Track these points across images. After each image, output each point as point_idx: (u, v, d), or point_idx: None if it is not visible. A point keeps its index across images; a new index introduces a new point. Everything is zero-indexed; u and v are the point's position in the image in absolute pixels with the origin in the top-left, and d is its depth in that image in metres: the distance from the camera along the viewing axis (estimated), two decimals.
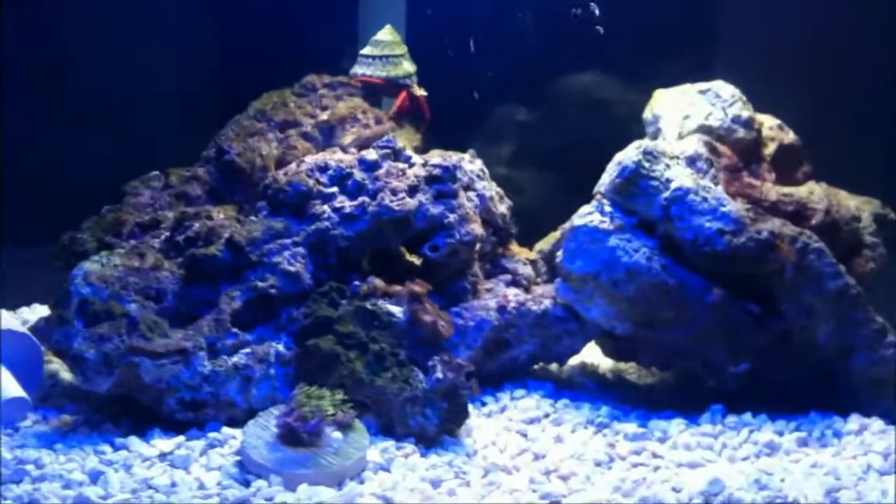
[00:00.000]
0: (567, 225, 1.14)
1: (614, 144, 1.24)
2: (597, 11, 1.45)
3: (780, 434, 1.05)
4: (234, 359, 0.99)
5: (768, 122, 1.23)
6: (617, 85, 1.41)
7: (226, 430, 0.97)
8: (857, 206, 1.21)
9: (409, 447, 0.98)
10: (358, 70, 1.23)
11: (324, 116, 1.17)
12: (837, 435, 1.05)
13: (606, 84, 1.41)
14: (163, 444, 0.96)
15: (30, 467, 0.92)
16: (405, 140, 1.21)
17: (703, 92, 1.21)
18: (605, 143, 1.27)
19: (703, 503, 0.92)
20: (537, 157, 1.43)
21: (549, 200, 1.42)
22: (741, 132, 1.17)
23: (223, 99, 1.41)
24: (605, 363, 1.25)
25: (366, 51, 1.24)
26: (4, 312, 1.13)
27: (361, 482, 0.90)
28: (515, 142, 1.44)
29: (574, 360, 1.24)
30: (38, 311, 1.30)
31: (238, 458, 0.94)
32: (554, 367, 1.21)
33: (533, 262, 1.19)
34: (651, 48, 1.39)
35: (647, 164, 1.10)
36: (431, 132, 1.30)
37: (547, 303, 1.12)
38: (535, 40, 1.42)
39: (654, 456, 1.00)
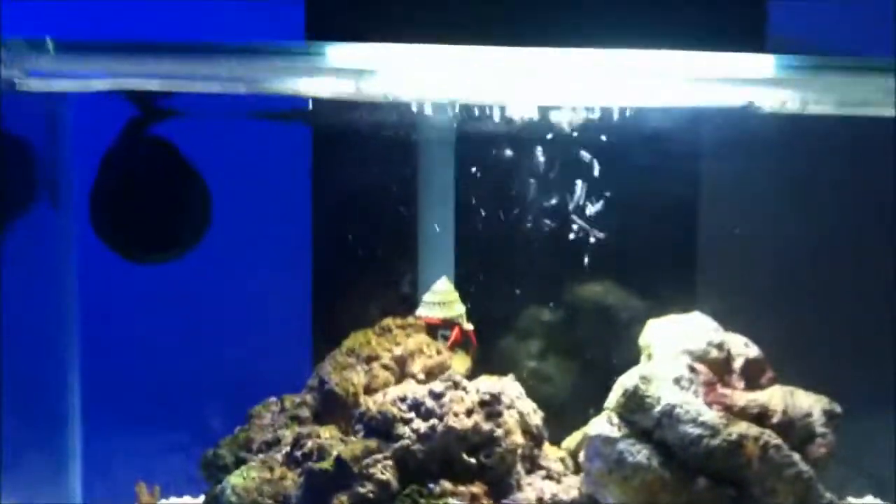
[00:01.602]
0: (588, 430, 1.40)
1: (619, 341, 1.59)
2: (602, 236, 1.79)
3: None
4: None
5: (736, 342, 1.51)
6: (621, 294, 1.70)
7: None
8: (811, 403, 1.47)
9: None
10: (421, 312, 1.55)
11: (398, 351, 1.48)
12: None
13: (612, 293, 1.71)
14: None
15: None
16: (459, 362, 1.51)
17: (684, 322, 1.52)
18: (612, 340, 1.62)
19: None
20: (559, 351, 1.70)
21: (571, 385, 1.68)
22: (714, 353, 1.47)
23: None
24: None
25: (427, 297, 1.56)
26: None
27: None
28: (543, 339, 1.71)
29: None
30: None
31: None
32: None
33: (562, 459, 1.45)
34: (649, 266, 1.68)
35: (643, 387, 1.40)
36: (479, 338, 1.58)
37: (574, 493, 1.41)
38: (556, 260, 1.69)
39: None
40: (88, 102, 1.42)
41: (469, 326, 1.56)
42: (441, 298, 1.56)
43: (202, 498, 1.41)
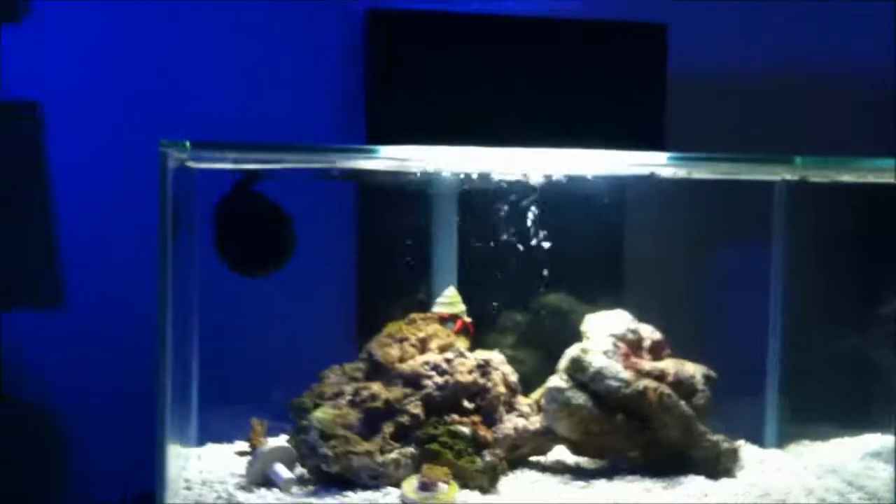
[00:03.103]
0: (546, 385, 1.87)
1: (571, 337, 1.94)
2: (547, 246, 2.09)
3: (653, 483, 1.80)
4: (392, 455, 1.74)
5: (646, 329, 1.95)
6: (572, 301, 2.11)
7: (391, 489, 1.72)
8: (694, 369, 1.91)
9: (475, 494, 1.72)
10: (435, 310, 1.96)
11: (421, 335, 1.90)
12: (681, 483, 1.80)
13: (565, 301, 2.12)
14: (361, 496, 1.70)
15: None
16: (462, 342, 1.92)
17: (611, 315, 1.96)
18: (567, 337, 1.94)
19: None
20: (528, 343, 2.10)
21: (536, 367, 2.00)
22: (630, 335, 1.92)
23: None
24: (568, 457, 1.95)
25: (438, 300, 1.97)
26: (271, 441, 1.83)
27: None
28: (516, 334, 2.12)
29: (551, 455, 1.94)
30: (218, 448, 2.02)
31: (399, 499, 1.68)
32: (542, 458, 1.93)
33: (530, 405, 1.89)
34: (590, 283, 2.11)
35: (582, 356, 1.85)
36: (475, 335, 1.99)
37: (537, 425, 1.86)
38: (525, 279, 2.11)
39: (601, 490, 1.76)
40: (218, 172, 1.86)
41: (468, 319, 1.96)
42: (448, 300, 1.97)
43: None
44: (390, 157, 1.73)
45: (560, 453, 1.96)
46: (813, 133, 2.30)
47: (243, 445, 1.97)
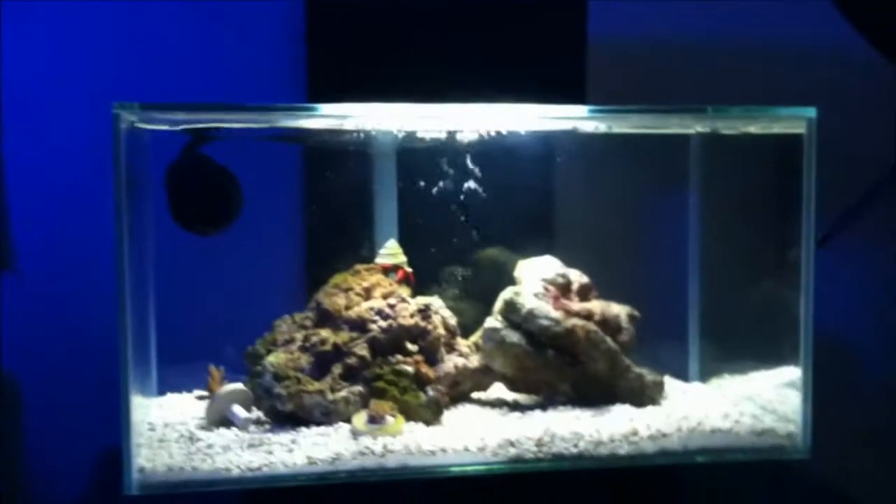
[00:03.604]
0: (483, 326, 1.99)
1: (505, 284, 2.05)
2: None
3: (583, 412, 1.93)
4: (342, 393, 1.85)
5: (574, 274, 2.08)
6: (508, 254, 2.18)
7: (341, 424, 1.83)
8: (619, 309, 2.05)
9: (419, 426, 1.85)
10: (378, 260, 2.06)
11: (365, 284, 2.00)
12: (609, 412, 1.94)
13: (502, 254, 2.20)
14: (314, 431, 1.81)
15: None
16: (404, 291, 2.02)
17: (542, 261, 2.08)
18: (503, 285, 2.04)
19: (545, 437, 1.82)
20: (469, 296, 2.18)
21: (476, 317, 2.09)
22: (559, 279, 2.03)
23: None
24: (506, 394, 2.06)
25: (381, 251, 2.07)
26: (229, 385, 1.94)
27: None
28: (457, 287, 2.19)
29: (490, 392, 2.06)
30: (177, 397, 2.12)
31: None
32: (481, 394, 2.06)
33: (469, 347, 2.02)
34: (523, 234, 2.19)
35: (516, 298, 1.96)
36: (416, 287, 2.09)
37: (476, 363, 1.98)
38: (464, 232, 2.17)
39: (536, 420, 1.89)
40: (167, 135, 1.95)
41: (409, 269, 2.07)
42: (390, 251, 2.08)
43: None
44: (329, 115, 1.83)
45: (498, 391, 2.09)
46: (731, 96, 2.38)
47: (202, 393, 2.09)
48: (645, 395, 2.04)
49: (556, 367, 1.99)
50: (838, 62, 2.50)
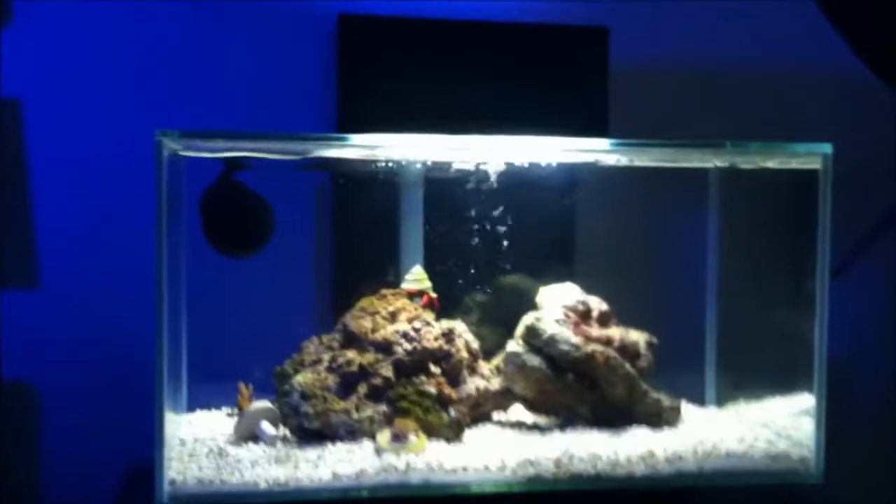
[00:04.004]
0: (505, 350, 2.01)
1: (527, 310, 2.07)
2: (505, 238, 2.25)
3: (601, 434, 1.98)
4: (367, 412, 1.90)
5: (595, 301, 2.10)
6: (530, 281, 2.20)
7: (366, 442, 1.88)
8: (638, 336, 2.08)
9: (442, 444, 1.89)
10: (404, 285, 2.10)
11: (391, 308, 2.04)
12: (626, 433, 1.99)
13: (524, 281, 2.22)
14: (339, 448, 1.87)
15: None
16: (429, 315, 2.05)
17: (563, 288, 2.11)
18: (525, 311, 2.07)
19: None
20: (489, 320, 2.20)
21: (497, 342, 2.13)
22: (580, 307, 2.06)
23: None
24: (526, 416, 2.10)
25: (407, 277, 2.11)
26: (257, 402, 1.99)
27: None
28: (478, 312, 2.22)
29: (510, 414, 2.10)
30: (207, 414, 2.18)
31: None
32: (501, 416, 2.10)
33: (491, 370, 2.04)
34: (545, 262, 2.23)
35: (537, 323, 2.00)
36: (440, 312, 2.12)
37: (497, 385, 2.02)
38: (488, 260, 2.21)
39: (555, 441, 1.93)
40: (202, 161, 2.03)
41: (434, 295, 2.10)
42: (415, 277, 2.11)
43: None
44: (359, 145, 1.91)
45: (518, 413, 2.13)
46: (752, 128, 2.48)
47: (231, 410, 2.16)
48: (662, 419, 2.09)
49: (576, 390, 2.03)
50: (858, 89, 2.53)
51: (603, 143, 1.96)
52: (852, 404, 2.57)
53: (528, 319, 2.07)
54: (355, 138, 1.91)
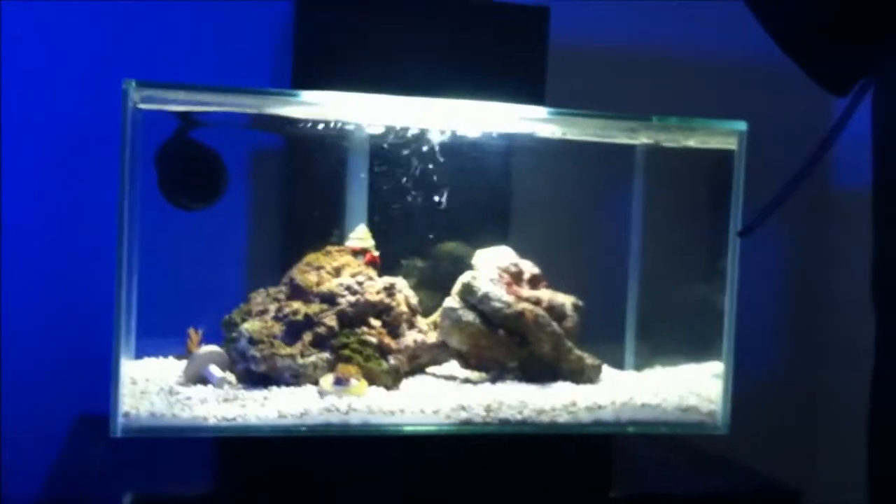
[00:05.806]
0: (443, 306, 2.09)
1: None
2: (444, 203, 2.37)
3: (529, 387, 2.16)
4: (311, 358, 1.98)
5: (527, 264, 2.17)
6: (466, 248, 2.28)
7: (310, 386, 1.96)
8: (565, 298, 2.16)
9: (381, 390, 1.98)
10: (348, 243, 2.16)
11: (335, 264, 2.10)
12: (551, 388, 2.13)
13: (461, 248, 2.29)
14: (285, 390, 1.96)
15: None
16: (371, 272, 2.11)
17: (497, 251, 2.18)
18: (459, 275, 2.13)
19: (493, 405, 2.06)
20: (427, 284, 2.27)
21: (434, 305, 2.20)
22: (513, 268, 2.14)
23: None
24: (459, 371, 2.20)
25: (351, 235, 2.15)
26: (206, 346, 2.10)
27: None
28: (417, 276, 2.29)
29: (445, 369, 2.20)
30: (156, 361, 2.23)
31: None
32: (435, 369, 2.18)
33: (428, 325, 2.12)
34: (481, 228, 2.29)
35: (473, 282, 2.07)
36: (381, 272, 2.17)
37: (434, 339, 2.10)
38: (427, 226, 2.28)
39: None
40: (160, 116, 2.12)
41: (376, 253, 2.17)
42: (359, 236, 2.18)
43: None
44: (310, 102, 2.00)
45: (453, 369, 2.21)
46: (685, 110, 2.53)
47: (180, 354, 2.26)
48: (585, 376, 2.24)
49: (507, 345, 2.13)
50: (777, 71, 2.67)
51: (541, 111, 2.13)
52: (755, 365, 2.75)
53: (464, 278, 2.21)
54: (306, 95, 2.02)
